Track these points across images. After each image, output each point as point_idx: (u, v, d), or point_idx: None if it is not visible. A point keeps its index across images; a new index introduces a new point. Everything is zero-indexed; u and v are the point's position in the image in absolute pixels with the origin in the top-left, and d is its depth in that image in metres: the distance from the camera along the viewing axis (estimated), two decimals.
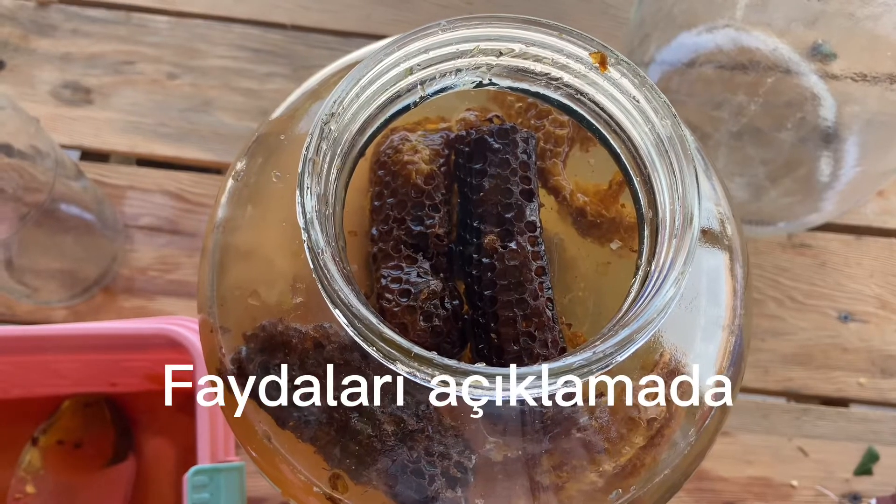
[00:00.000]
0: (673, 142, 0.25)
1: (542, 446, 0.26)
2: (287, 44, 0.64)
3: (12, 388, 0.50)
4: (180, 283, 0.57)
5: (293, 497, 0.28)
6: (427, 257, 0.27)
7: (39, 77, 0.61)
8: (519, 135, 0.27)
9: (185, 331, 0.43)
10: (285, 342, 0.26)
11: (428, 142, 0.28)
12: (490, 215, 0.27)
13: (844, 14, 0.42)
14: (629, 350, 0.22)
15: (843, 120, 0.50)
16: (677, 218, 0.24)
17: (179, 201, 0.59)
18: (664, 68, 0.54)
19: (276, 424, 0.27)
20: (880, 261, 0.59)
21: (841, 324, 0.58)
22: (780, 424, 0.55)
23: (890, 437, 0.55)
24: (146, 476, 0.51)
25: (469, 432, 0.26)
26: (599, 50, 0.26)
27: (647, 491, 0.27)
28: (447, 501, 0.26)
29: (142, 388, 0.52)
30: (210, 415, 0.42)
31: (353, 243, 0.28)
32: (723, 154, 0.54)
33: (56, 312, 0.56)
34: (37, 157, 0.47)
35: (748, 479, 0.54)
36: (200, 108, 0.61)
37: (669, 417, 0.27)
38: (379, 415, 0.26)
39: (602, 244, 0.29)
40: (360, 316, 0.22)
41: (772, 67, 0.48)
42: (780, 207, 0.56)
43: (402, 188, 0.27)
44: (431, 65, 0.26)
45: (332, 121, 0.24)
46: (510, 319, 0.26)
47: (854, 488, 0.54)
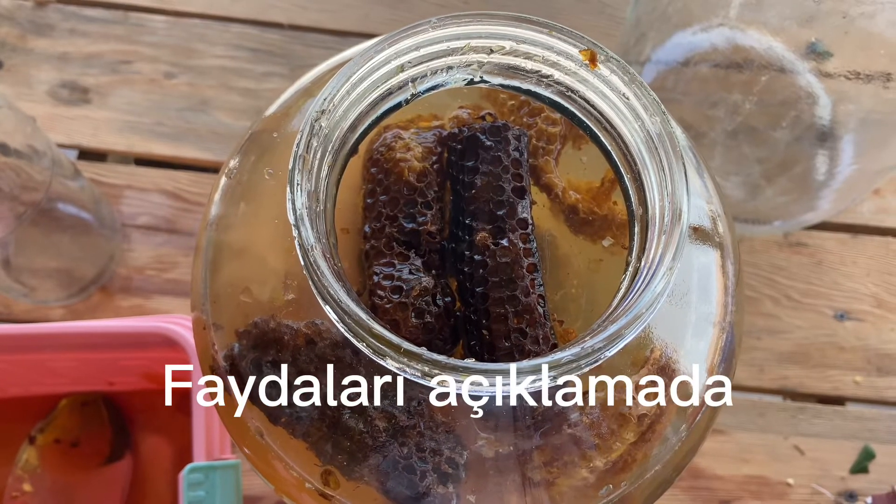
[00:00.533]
0: (662, 138, 0.25)
1: (534, 442, 0.26)
2: (284, 43, 0.64)
3: (9, 387, 0.50)
4: (177, 282, 0.57)
5: (286, 493, 0.28)
6: (419, 254, 0.27)
7: (37, 77, 0.62)
8: (511, 132, 0.27)
9: (181, 329, 0.43)
10: (277, 339, 0.26)
11: (420, 139, 0.28)
12: (482, 212, 0.27)
13: (838, 13, 0.42)
14: (619, 345, 0.23)
15: (839, 118, 0.50)
16: (666, 214, 0.24)
17: (177, 200, 0.59)
18: (660, 67, 0.54)
19: (269, 421, 0.27)
20: (876, 259, 0.59)
21: (837, 322, 0.58)
22: (776, 423, 0.55)
23: (886, 435, 0.55)
24: (143, 474, 0.51)
25: (460, 428, 0.26)
26: (589, 47, 0.26)
27: (638, 486, 0.27)
28: (439, 497, 0.26)
29: (139, 386, 0.52)
30: (206, 413, 0.42)
31: (346, 240, 0.28)
32: (719, 153, 0.55)
33: (53, 311, 0.56)
34: (33, 156, 0.47)
35: (744, 478, 0.54)
36: (198, 107, 0.62)
37: (660, 413, 0.27)
38: (370, 411, 0.26)
39: (594, 241, 0.29)
40: (350, 312, 0.22)
41: (766, 66, 0.48)
42: (775, 206, 0.56)
43: (395, 185, 0.27)
44: (422, 62, 0.26)
45: (322, 118, 0.25)
46: (501, 316, 0.26)
47: (850, 486, 0.54)
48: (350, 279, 0.25)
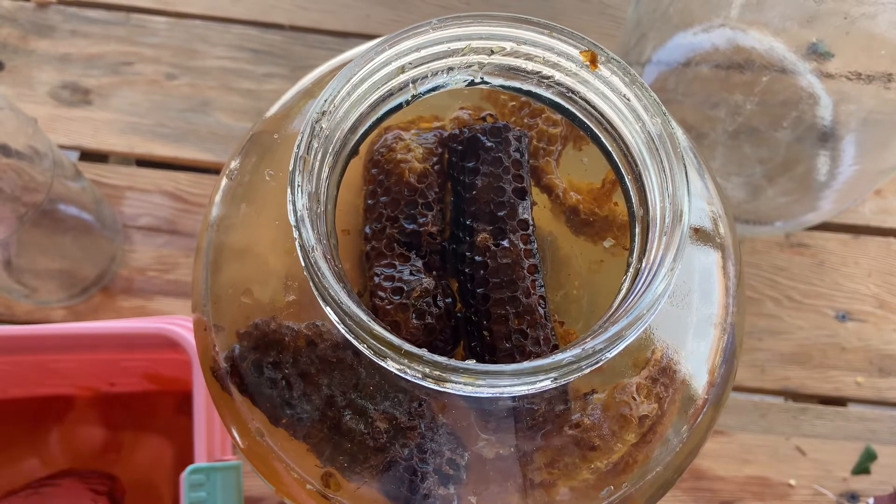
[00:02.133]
0: (663, 139, 0.25)
1: (535, 443, 0.26)
2: (285, 44, 0.64)
3: (11, 388, 0.51)
4: (179, 283, 0.57)
5: (286, 495, 0.28)
6: (420, 255, 0.27)
7: (38, 78, 0.62)
8: (511, 133, 0.27)
9: (183, 330, 0.43)
10: (278, 340, 0.26)
11: (421, 140, 0.28)
12: (483, 213, 0.27)
13: (840, 13, 0.42)
14: (619, 346, 0.22)
15: (840, 118, 0.50)
16: (667, 215, 0.24)
17: (178, 201, 0.59)
18: (661, 68, 0.54)
19: (270, 422, 0.27)
20: (878, 260, 0.59)
21: (839, 323, 0.58)
22: (777, 424, 0.55)
23: (888, 436, 0.55)
24: (144, 475, 0.51)
25: (461, 430, 0.26)
26: (590, 48, 0.26)
27: (639, 488, 0.27)
28: (440, 498, 0.26)
29: (140, 387, 0.52)
30: (207, 414, 0.42)
31: (347, 242, 0.28)
32: (720, 153, 0.55)
33: (55, 312, 0.56)
34: (35, 157, 0.47)
35: (746, 479, 0.54)
36: (199, 108, 0.62)
37: (661, 414, 0.27)
38: (371, 412, 0.26)
39: (595, 242, 0.29)
40: (351, 313, 0.22)
41: (768, 67, 0.48)
42: (777, 207, 0.56)
43: (396, 186, 0.27)
44: (423, 63, 0.26)
45: (323, 119, 0.24)
46: (502, 317, 0.26)
47: (852, 487, 0.54)
48: (351, 280, 0.25)
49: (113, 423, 0.52)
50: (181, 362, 0.44)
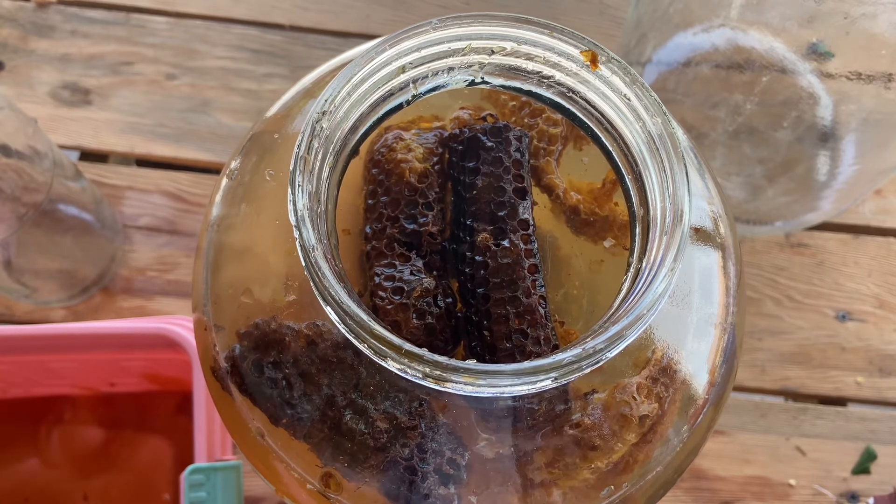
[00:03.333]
0: (663, 139, 0.25)
1: (535, 443, 0.26)
2: (286, 44, 0.64)
3: (11, 388, 0.51)
4: (179, 284, 0.57)
5: (287, 495, 0.28)
6: (420, 255, 0.27)
7: (38, 78, 0.62)
8: (512, 133, 0.27)
9: (183, 330, 0.43)
10: (279, 340, 0.26)
11: (422, 140, 0.28)
12: (483, 213, 0.27)
13: (840, 13, 0.42)
14: (620, 346, 0.22)
15: (840, 118, 0.50)
16: (668, 215, 0.24)
17: (178, 202, 0.59)
18: (661, 68, 0.54)
19: (270, 422, 0.27)
20: (878, 260, 0.59)
21: (839, 323, 0.58)
22: (777, 424, 0.55)
23: (888, 436, 0.55)
24: (144, 475, 0.51)
25: (462, 429, 0.26)
26: (590, 48, 0.26)
27: (639, 488, 0.27)
28: (440, 498, 0.26)
29: (140, 387, 0.52)
30: (207, 414, 0.42)
31: (347, 241, 0.28)
32: (720, 153, 0.55)
33: (55, 312, 0.56)
34: (35, 157, 0.47)
35: (746, 479, 0.54)
36: (199, 108, 0.62)
37: (662, 414, 0.27)
38: (372, 412, 0.26)
39: (595, 242, 0.29)
40: (352, 313, 0.22)
41: (768, 67, 0.48)
42: (777, 206, 0.56)
43: (396, 186, 0.27)
44: (423, 63, 0.26)
45: (323, 119, 0.24)
46: (503, 317, 0.26)
47: (852, 487, 0.54)
48: (351, 280, 0.25)
49: (113, 424, 0.52)
50: (181, 362, 0.44)
